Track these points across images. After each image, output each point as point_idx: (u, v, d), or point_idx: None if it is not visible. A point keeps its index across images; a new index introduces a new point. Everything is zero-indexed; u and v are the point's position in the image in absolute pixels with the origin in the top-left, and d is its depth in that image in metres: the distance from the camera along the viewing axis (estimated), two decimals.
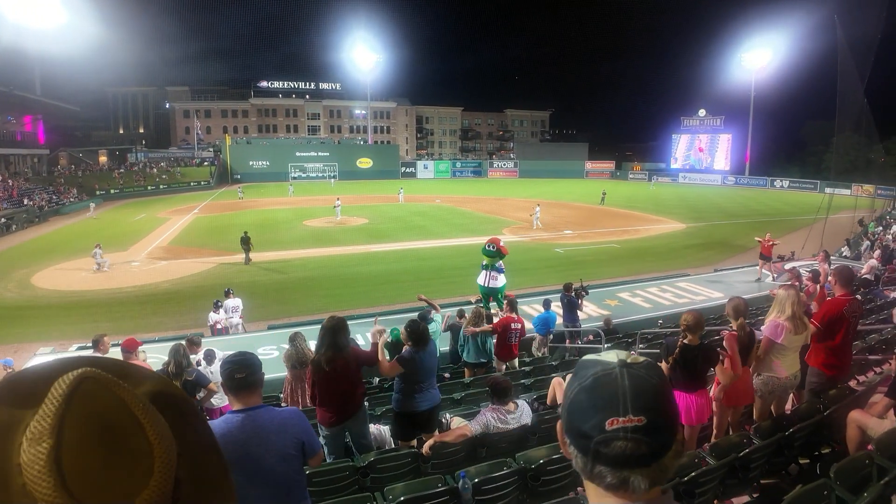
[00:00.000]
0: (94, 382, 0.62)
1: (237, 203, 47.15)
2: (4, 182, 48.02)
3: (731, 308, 5.47)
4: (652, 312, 14.90)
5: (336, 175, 71.63)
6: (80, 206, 49.41)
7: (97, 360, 0.69)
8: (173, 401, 0.71)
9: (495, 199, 48.57)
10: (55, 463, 0.56)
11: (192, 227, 35.29)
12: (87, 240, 29.38)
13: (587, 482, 1.04)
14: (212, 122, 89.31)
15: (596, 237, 29.44)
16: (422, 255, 25.29)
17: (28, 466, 0.57)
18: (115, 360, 0.72)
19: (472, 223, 34.32)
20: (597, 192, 46.87)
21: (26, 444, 0.58)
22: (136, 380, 0.69)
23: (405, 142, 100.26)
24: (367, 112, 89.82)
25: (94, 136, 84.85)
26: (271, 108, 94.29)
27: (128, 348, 7.27)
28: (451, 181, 73.75)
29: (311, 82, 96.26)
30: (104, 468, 0.57)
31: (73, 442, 0.57)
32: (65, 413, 0.59)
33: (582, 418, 0.96)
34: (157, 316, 16.72)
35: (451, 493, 4.03)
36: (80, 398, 0.60)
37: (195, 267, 23.14)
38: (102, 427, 0.59)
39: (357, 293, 18.94)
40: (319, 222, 34.79)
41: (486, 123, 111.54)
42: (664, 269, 21.23)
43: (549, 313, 10.97)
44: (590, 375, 0.99)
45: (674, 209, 40.69)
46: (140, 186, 60.58)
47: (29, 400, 0.61)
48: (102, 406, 0.61)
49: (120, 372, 0.68)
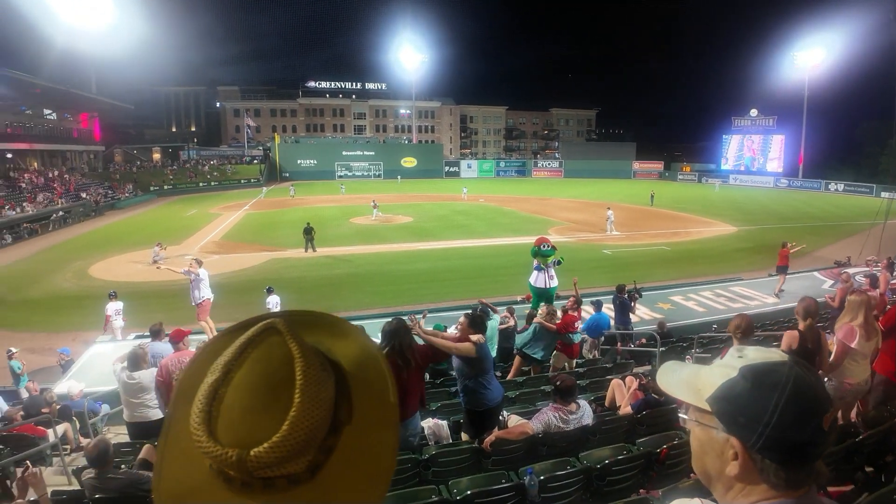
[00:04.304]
0: (276, 334, 0.66)
1: (286, 200, 48.19)
2: (62, 177, 50.40)
3: (802, 308, 5.29)
4: (706, 317, 14.53)
5: (381, 174, 72.65)
6: (136, 201, 51.49)
7: (304, 315, 0.74)
8: (372, 362, 0.73)
9: (539, 199, 48.19)
10: (213, 393, 0.62)
11: (244, 223, 36.28)
12: (141, 234, 30.61)
13: (743, 485, 1.00)
14: (261, 121, 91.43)
15: (645, 239, 28.88)
16: (466, 253, 25.32)
17: (198, 392, 0.64)
18: (331, 317, 0.76)
19: (516, 223, 34.15)
20: (644, 193, 45.95)
21: (207, 376, 0.64)
22: (341, 334, 0.74)
23: (449, 141, 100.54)
24: (411, 111, 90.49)
25: (147, 133, 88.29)
26: (319, 108, 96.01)
27: (175, 339, 7.34)
28: (494, 180, 73.53)
29: (358, 82, 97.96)
30: (246, 412, 0.61)
31: (236, 380, 0.62)
32: (241, 353, 0.64)
33: (799, 428, 0.92)
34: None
35: (515, 490, 4.02)
36: (259, 345, 0.65)
37: (247, 261, 23.79)
38: (261, 374, 0.63)
39: (403, 290, 19.09)
40: (365, 220, 35.27)
41: (531, 122, 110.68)
42: (716, 272, 20.66)
43: (601, 315, 10.79)
44: (782, 385, 0.94)
45: (724, 211, 39.52)
46: (192, 183, 62.61)
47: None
48: (272, 356, 0.64)
49: (320, 329, 0.73)
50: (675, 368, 1.10)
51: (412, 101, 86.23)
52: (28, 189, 42.70)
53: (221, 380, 0.62)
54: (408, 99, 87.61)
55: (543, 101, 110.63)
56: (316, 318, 0.75)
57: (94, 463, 4.72)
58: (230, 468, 0.60)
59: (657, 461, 4.75)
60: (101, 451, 4.71)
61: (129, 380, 6.82)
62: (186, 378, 0.70)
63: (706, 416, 0.99)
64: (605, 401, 6.68)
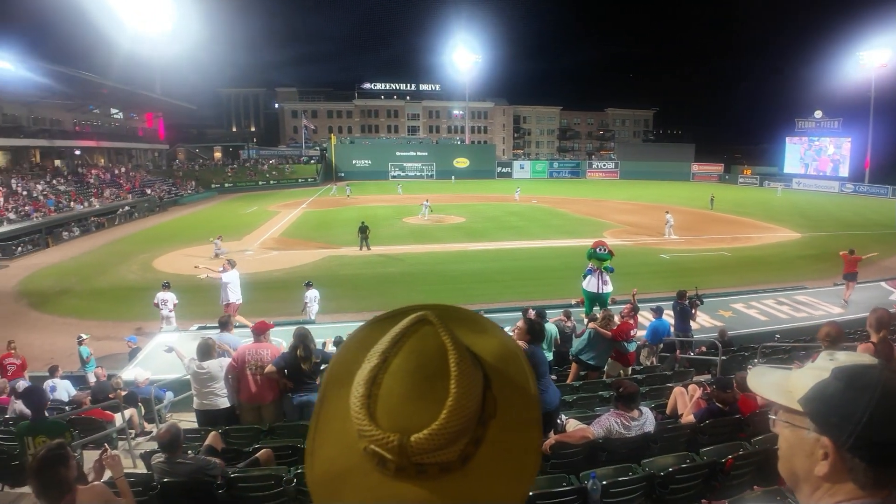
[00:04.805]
0: (428, 325, 0.69)
1: (341, 199, 49.22)
2: (127, 173, 53.02)
3: (875, 319, 5.04)
4: (769, 326, 14.00)
5: (434, 174, 73.19)
6: (198, 198, 53.61)
7: (450, 309, 0.78)
8: (512, 358, 0.76)
9: (594, 201, 47.42)
10: (373, 378, 0.65)
11: (301, 220, 37.28)
12: (203, 229, 31.83)
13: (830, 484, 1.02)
14: (318, 121, 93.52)
15: (704, 244, 28.01)
16: (518, 255, 25.22)
17: (356, 376, 0.68)
18: (470, 312, 0.80)
19: (570, 225, 33.76)
20: (704, 197, 44.54)
21: (364, 362, 0.68)
22: (482, 330, 0.77)
23: (502, 141, 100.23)
24: (464, 112, 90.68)
25: (209, 133, 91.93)
26: (374, 109, 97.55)
27: (258, 331, 7.44)
28: (547, 181, 72.84)
29: (412, 83, 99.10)
30: (404, 399, 0.64)
31: (393, 367, 0.66)
32: (398, 341, 0.68)
33: (890, 428, 0.93)
34: (268, 302, 17.49)
35: (577, 493, 4.02)
36: (413, 335, 0.68)
37: (304, 258, 24.45)
38: (418, 364, 0.66)
39: (455, 290, 19.18)
40: (418, 220, 35.61)
41: (586, 123, 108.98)
42: (778, 280, 19.84)
43: (661, 321, 10.56)
44: (873, 386, 0.97)
45: (787, 217, 37.80)
46: (251, 181, 64.74)
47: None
48: (426, 347, 0.67)
49: (465, 323, 0.76)
50: (765, 372, 1.14)
51: (465, 101, 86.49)
52: (95, 185, 45.12)
53: (380, 366, 0.66)
54: (461, 99, 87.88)
55: (599, 100, 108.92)
56: (457, 313, 0.79)
57: (166, 448, 4.89)
58: (389, 452, 0.63)
59: (722, 471, 4.66)
60: (172, 437, 4.88)
61: (198, 369, 7.08)
62: (339, 364, 0.76)
63: (797, 416, 1.03)
64: (665, 408, 6.57)
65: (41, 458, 3.33)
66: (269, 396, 7.14)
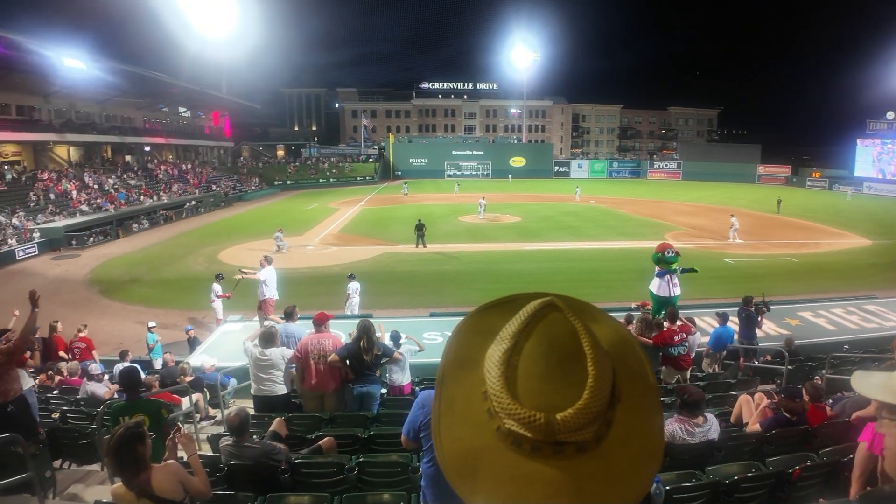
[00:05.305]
0: (556, 310, 0.72)
1: (398, 197, 49.90)
2: (194, 169, 55.43)
3: None
4: (837, 336, 13.41)
5: (489, 173, 73.11)
6: (261, 194, 55.50)
7: (566, 297, 0.82)
8: (629, 347, 0.79)
9: (654, 202, 46.28)
10: (507, 360, 0.68)
11: (360, 217, 38.08)
12: (266, 224, 32.94)
13: None
14: (377, 121, 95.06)
15: (770, 249, 26.94)
16: (573, 256, 24.96)
17: (487, 359, 0.71)
18: (582, 302, 0.82)
19: (629, 226, 33.12)
20: (770, 200, 42.70)
21: (493, 345, 0.72)
22: (594, 318, 0.79)
23: (559, 140, 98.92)
24: (522, 111, 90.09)
25: (272, 132, 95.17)
26: (431, 109, 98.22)
27: (318, 321, 7.71)
28: (606, 181, 71.48)
29: (469, 83, 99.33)
30: (542, 380, 0.67)
31: (526, 350, 0.68)
32: (527, 325, 0.70)
33: None
34: (328, 295, 17.76)
35: None
36: (541, 319, 0.71)
37: (362, 254, 25.03)
38: (551, 345, 0.68)
39: (510, 289, 18.09)
40: (473, 218, 35.74)
41: (647, 122, 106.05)
42: (848, 288, 18.86)
43: (725, 328, 10.29)
44: None
45: (857, 222, 35.63)
46: (312, 179, 66.54)
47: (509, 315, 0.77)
48: (557, 330, 0.70)
49: (583, 310, 0.79)
50: (867, 375, 1.18)
51: (523, 100, 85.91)
52: (164, 180, 47.44)
53: (512, 349, 0.68)
54: (518, 98, 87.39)
55: (661, 99, 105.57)
56: (572, 300, 0.81)
57: (234, 431, 5.08)
58: (533, 431, 0.65)
59: (788, 482, 4.58)
60: (242, 421, 5.08)
61: (260, 356, 7.33)
62: (456, 349, 0.78)
63: None
64: (729, 416, 6.45)
65: (120, 436, 3.46)
66: (331, 385, 7.41)
